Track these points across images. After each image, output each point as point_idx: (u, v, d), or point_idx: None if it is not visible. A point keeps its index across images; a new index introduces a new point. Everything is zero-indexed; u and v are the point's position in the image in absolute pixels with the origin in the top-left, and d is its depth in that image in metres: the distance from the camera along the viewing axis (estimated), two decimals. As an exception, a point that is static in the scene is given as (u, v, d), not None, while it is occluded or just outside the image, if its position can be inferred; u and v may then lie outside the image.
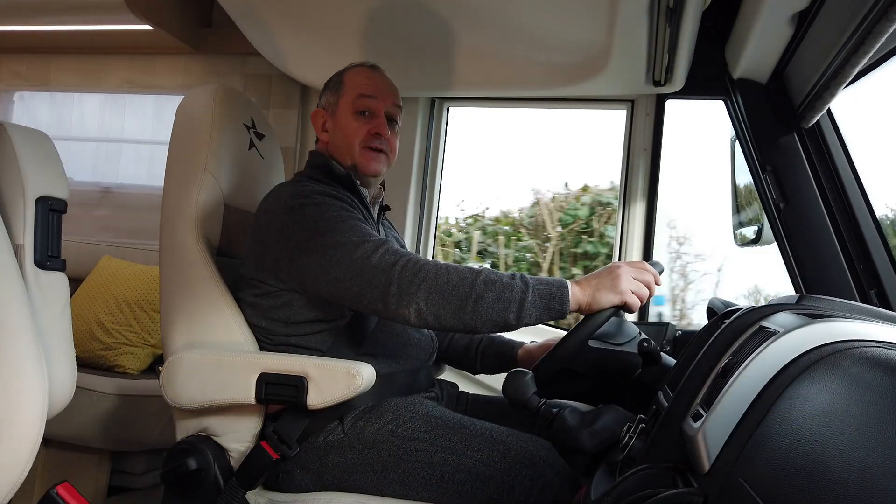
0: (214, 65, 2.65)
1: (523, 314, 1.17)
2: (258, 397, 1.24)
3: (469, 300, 1.15)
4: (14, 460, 0.99)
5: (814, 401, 0.63)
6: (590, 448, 1.12)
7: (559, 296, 1.18)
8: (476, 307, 1.15)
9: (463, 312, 1.15)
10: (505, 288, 1.17)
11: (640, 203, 2.16)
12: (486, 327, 1.17)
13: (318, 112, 1.52)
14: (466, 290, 1.16)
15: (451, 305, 1.15)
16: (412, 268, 1.17)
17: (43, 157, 1.19)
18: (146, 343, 2.32)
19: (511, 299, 1.16)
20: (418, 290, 1.15)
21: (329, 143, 1.49)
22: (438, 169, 2.43)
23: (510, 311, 1.16)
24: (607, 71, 1.84)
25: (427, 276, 1.16)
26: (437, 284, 1.16)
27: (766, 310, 0.91)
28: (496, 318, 1.16)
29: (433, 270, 1.17)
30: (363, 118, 1.46)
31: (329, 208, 1.28)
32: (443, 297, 1.15)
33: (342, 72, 1.52)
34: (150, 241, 2.70)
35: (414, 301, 1.16)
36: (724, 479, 0.67)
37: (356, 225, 1.26)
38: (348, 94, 1.47)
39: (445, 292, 1.15)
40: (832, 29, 1.30)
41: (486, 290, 1.16)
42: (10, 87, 2.94)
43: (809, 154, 1.67)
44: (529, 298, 1.17)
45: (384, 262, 1.18)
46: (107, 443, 2.04)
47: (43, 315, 1.14)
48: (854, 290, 1.58)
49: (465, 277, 1.17)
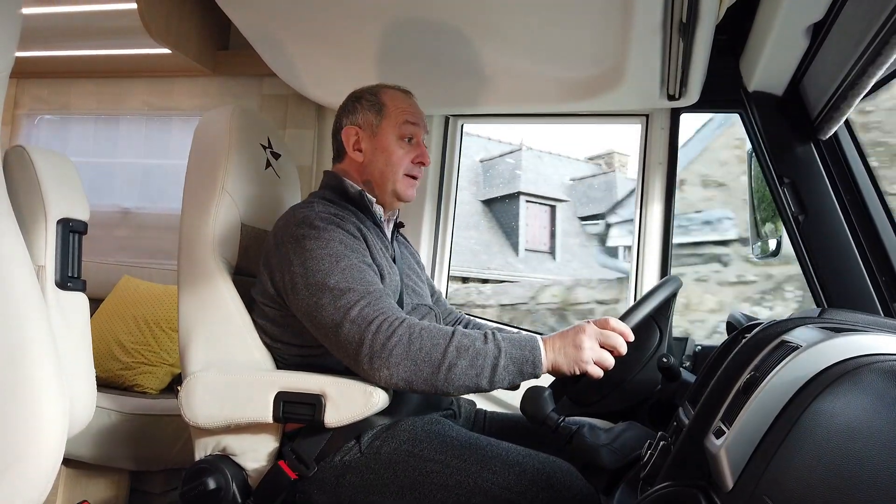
0: (232, 87, 2.68)
1: (496, 380, 1.16)
2: (276, 416, 1.25)
3: (442, 368, 1.15)
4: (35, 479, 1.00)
5: (838, 416, 0.62)
6: (610, 465, 1.10)
7: (531, 359, 1.17)
8: (448, 375, 1.15)
9: (435, 380, 1.16)
10: (478, 354, 1.16)
11: (656, 218, 2.14)
12: (459, 392, 1.18)
13: (351, 129, 1.47)
14: (439, 358, 1.15)
15: (423, 373, 1.16)
16: (386, 330, 1.17)
17: (64, 179, 1.21)
18: (165, 362, 2.34)
19: (483, 366, 1.16)
20: (390, 356, 1.16)
21: (365, 163, 1.46)
22: (453, 186, 2.43)
23: (483, 377, 1.16)
24: (622, 86, 1.84)
25: (399, 342, 1.16)
26: (409, 351, 1.16)
27: (788, 324, 0.90)
28: (469, 384, 1.16)
29: (406, 335, 1.17)
30: (408, 145, 1.46)
31: (328, 244, 1.26)
32: (415, 364, 1.16)
33: (375, 91, 1.49)
34: (168, 260, 2.73)
35: (385, 366, 1.16)
36: (748, 496, 0.66)
37: (350, 266, 1.25)
38: (393, 117, 1.45)
39: (418, 359, 1.16)
40: (848, 40, 1.30)
41: (458, 357, 1.15)
42: (33, 112, 3.00)
43: (828, 165, 1.66)
44: (502, 363, 1.16)
45: (361, 319, 1.18)
46: (126, 462, 2.05)
47: (64, 335, 1.15)
48: (877, 302, 1.56)
49: (437, 344, 1.16)
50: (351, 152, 1.47)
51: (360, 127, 1.46)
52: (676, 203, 2.17)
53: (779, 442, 0.66)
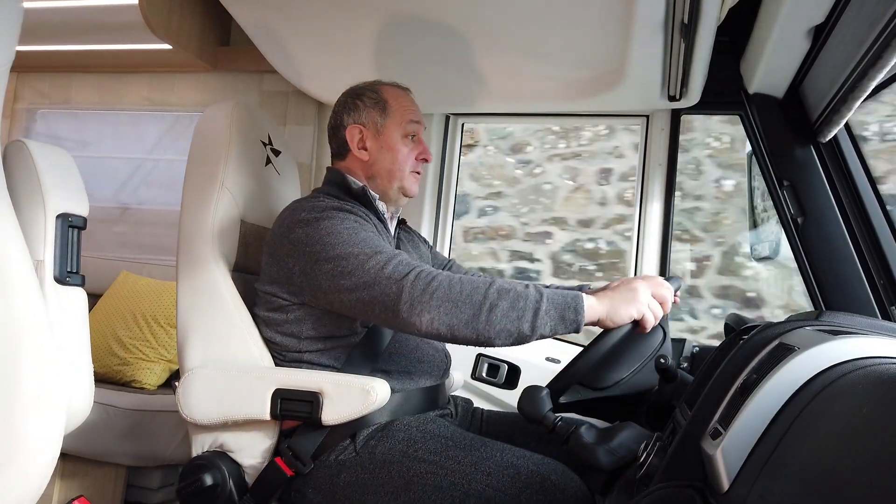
0: (232, 83, 2.68)
1: (538, 324, 1.15)
2: (273, 413, 1.25)
3: (483, 309, 1.14)
4: (32, 474, 1.00)
5: (835, 419, 0.62)
6: (606, 465, 1.10)
7: (574, 306, 1.16)
8: (490, 316, 1.14)
9: (476, 322, 1.14)
10: (519, 297, 1.15)
11: (656, 218, 2.15)
12: (500, 338, 1.16)
13: (355, 128, 1.47)
14: (480, 300, 1.15)
15: (465, 315, 1.14)
16: (425, 278, 1.17)
17: (63, 173, 1.21)
18: (163, 358, 2.34)
19: (525, 308, 1.15)
20: (431, 299, 1.15)
21: (371, 161, 1.47)
22: (453, 184, 2.44)
23: (524, 319, 1.15)
24: (622, 86, 1.84)
25: (440, 286, 1.16)
26: (449, 294, 1.15)
27: (786, 326, 0.90)
28: (510, 327, 1.15)
29: (446, 281, 1.16)
30: (411, 143, 1.48)
31: (343, 221, 1.28)
32: (455, 307, 1.15)
33: (376, 88, 1.50)
34: (167, 256, 2.73)
35: (426, 310, 1.15)
36: (744, 498, 0.66)
37: (369, 237, 1.26)
38: (397, 116, 1.47)
39: (458, 301, 1.15)
40: (849, 43, 1.30)
41: (499, 298, 1.15)
42: (33, 106, 2.99)
43: (827, 168, 1.66)
44: (544, 308, 1.15)
45: (396, 273, 1.18)
46: (123, 458, 2.05)
47: (62, 330, 1.15)
48: (874, 305, 1.56)
49: (478, 287, 1.16)
50: (356, 151, 1.48)
51: (363, 126, 1.47)
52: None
53: (775, 444, 0.66)
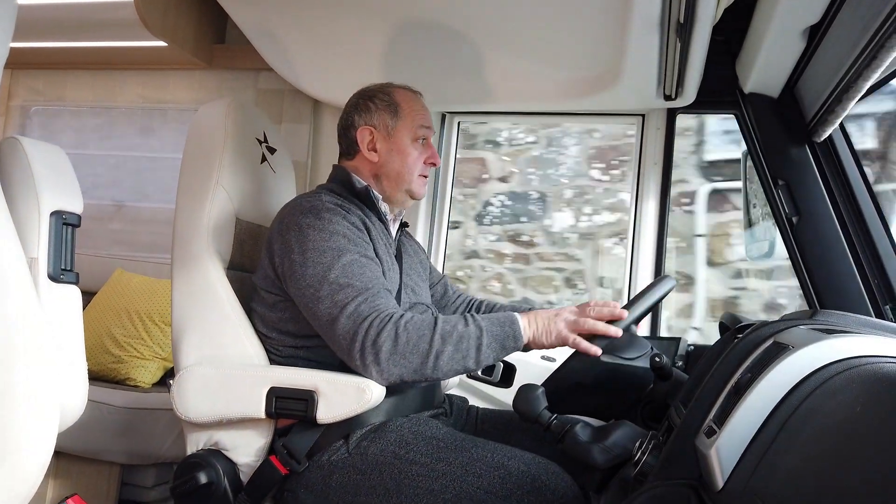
0: (228, 80, 2.67)
1: (481, 358, 1.23)
2: (268, 411, 1.25)
3: (430, 357, 1.21)
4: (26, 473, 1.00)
5: (829, 417, 0.62)
6: (601, 464, 1.10)
7: (512, 334, 1.24)
8: (437, 363, 1.21)
9: (424, 368, 1.21)
10: (461, 338, 1.22)
11: (651, 217, 2.15)
12: (448, 376, 1.24)
13: (366, 130, 1.48)
14: (426, 348, 1.21)
15: (413, 364, 1.21)
16: (377, 327, 1.21)
17: (58, 171, 1.21)
18: (157, 356, 2.33)
19: (469, 347, 1.22)
20: (378, 352, 1.20)
21: (380, 163, 1.48)
22: (448, 183, 2.44)
23: (469, 358, 1.22)
24: (618, 85, 1.84)
25: (388, 339, 1.20)
26: (396, 346, 1.20)
27: (780, 325, 0.90)
28: (457, 367, 1.23)
29: (393, 332, 1.21)
30: (421, 146, 1.50)
31: (331, 237, 1.29)
32: (404, 358, 1.21)
33: (388, 91, 1.51)
34: (162, 254, 2.72)
35: (375, 363, 1.21)
36: (738, 496, 0.66)
37: (350, 262, 1.27)
38: (409, 119, 1.48)
39: (406, 352, 1.21)
40: (844, 43, 1.30)
41: (444, 344, 1.21)
42: (27, 103, 2.98)
43: (822, 168, 1.66)
44: (485, 342, 1.23)
45: (357, 315, 1.22)
46: (117, 456, 2.05)
47: (56, 328, 1.15)
48: (868, 305, 1.56)
49: (423, 335, 1.21)
50: (366, 152, 1.49)
51: (374, 127, 1.48)
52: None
53: (769, 442, 0.66)
